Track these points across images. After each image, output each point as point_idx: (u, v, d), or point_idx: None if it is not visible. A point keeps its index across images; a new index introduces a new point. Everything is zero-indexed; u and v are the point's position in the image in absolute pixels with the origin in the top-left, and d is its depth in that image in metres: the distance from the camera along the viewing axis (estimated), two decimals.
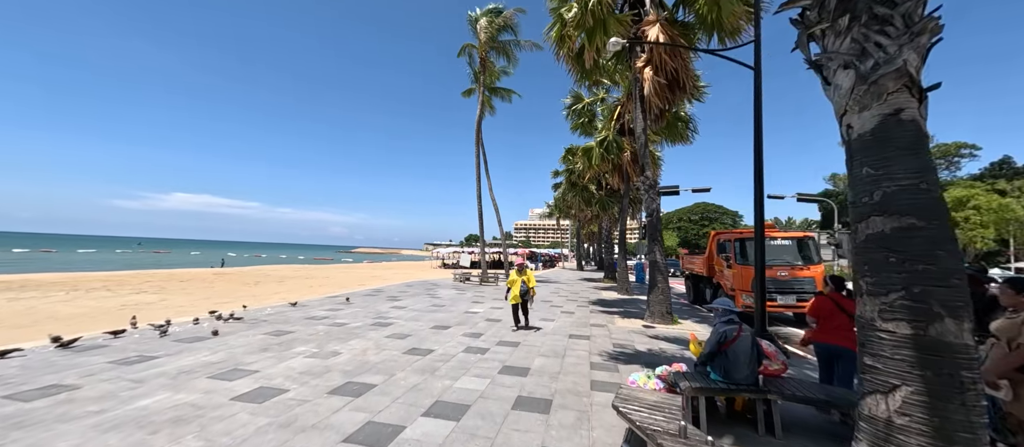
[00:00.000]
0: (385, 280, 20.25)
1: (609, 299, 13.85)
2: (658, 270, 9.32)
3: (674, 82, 9.41)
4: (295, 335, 6.53)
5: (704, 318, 10.46)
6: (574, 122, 17.91)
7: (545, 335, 7.40)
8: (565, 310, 10.74)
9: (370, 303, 10.60)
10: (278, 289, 15.52)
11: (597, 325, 8.67)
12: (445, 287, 16.04)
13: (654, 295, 9.23)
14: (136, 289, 14.77)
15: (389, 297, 12.01)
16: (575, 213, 35.99)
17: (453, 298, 12.44)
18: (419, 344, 6.32)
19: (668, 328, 8.60)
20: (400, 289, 14.63)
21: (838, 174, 45.95)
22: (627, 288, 15.62)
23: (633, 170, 15.89)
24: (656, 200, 9.53)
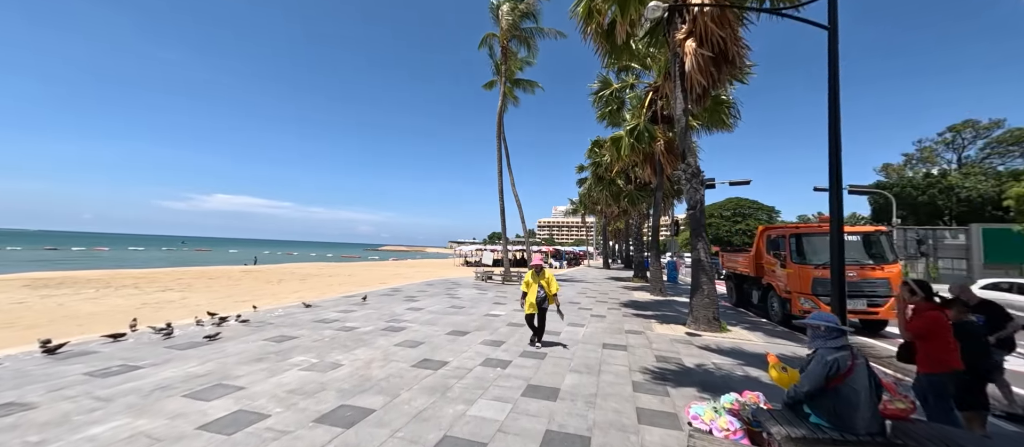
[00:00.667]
0: (406, 279, 19.83)
1: (642, 301, 12.73)
2: (702, 270, 8.20)
3: (721, 55, 8.22)
4: (297, 341, 5.93)
5: (755, 324, 9.22)
6: (601, 110, 16.76)
7: (575, 345, 6.49)
8: (595, 313, 9.77)
9: (386, 304, 10.01)
10: (299, 288, 15.31)
11: (633, 331, 7.67)
12: (466, 287, 15.36)
13: (698, 298, 8.12)
14: (164, 287, 14.91)
15: (406, 297, 11.41)
16: (601, 209, 34.66)
17: (473, 299, 11.70)
18: (432, 354, 5.57)
19: (717, 336, 7.49)
20: (419, 288, 14.06)
21: (891, 164, 42.19)
22: (661, 289, 14.42)
23: (667, 160, 14.63)
24: (700, 190, 8.40)
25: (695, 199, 8.38)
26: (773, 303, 10.42)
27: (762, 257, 11.37)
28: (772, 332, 8.26)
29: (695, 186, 8.41)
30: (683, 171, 8.56)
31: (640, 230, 22.35)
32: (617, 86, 16.20)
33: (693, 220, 8.43)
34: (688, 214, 8.53)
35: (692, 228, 8.46)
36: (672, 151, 14.70)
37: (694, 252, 8.37)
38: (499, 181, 18.73)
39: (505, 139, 21.21)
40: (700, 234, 8.32)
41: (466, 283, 16.78)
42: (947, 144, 39.39)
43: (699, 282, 8.17)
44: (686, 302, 12.98)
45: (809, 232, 9.68)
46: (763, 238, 11.37)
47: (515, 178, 20.50)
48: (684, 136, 8.69)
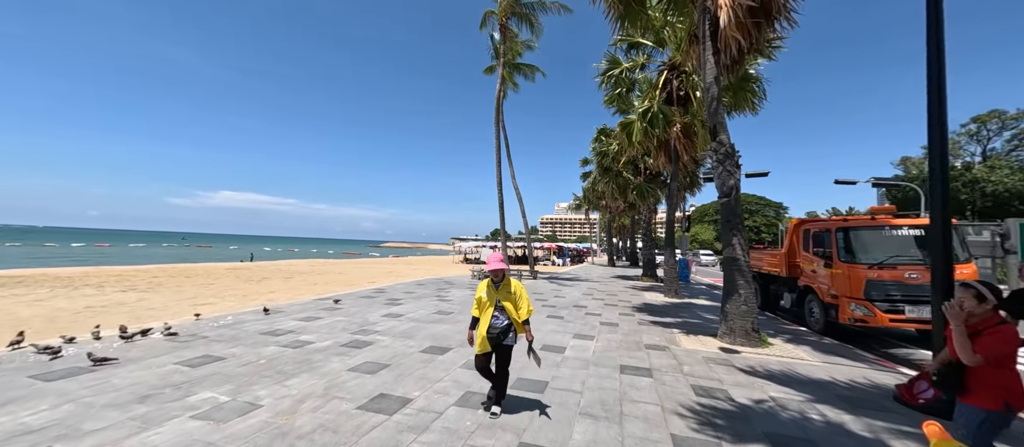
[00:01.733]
0: (398, 277, 18.47)
1: (657, 304, 11.28)
2: (738, 270, 6.73)
3: (762, 7, 6.71)
4: (219, 366, 4.53)
5: (795, 334, 7.75)
6: (609, 93, 15.22)
7: (584, 369, 5.06)
8: (606, 320, 8.33)
9: (361, 308, 8.62)
10: (278, 288, 13.97)
11: (655, 347, 6.23)
12: (459, 286, 13.96)
13: (733, 304, 6.66)
14: (130, 286, 13.61)
15: (388, 300, 10.01)
16: (607, 203, 33.11)
17: (464, 302, 10.29)
18: (393, 386, 4.16)
19: (760, 354, 6.03)
20: (408, 288, 12.67)
21: (910, 157, 40.26)
22: (676, 290, 12.95)
23: (684, 146, 13.12)
24: (734, 174, 6.92)
25: (729, 185, 6.90)
26: (812, 308, 8.94)
27: (797, 255, 9.88)
28: (822, 346, 6.80)
29: (729, 169, 6.92)
30: (713, 150, 7.07)
31: (650, 225, 20.86)
32: (627, 65, 14.64)
33: (726, 210, 6.95)
34: (720, 203, 7.05)
35: (725, 220, 6.98)
36: (689, 136, 13.20)
37: (728, 249, 6.90)
38: (497, 172, 17.29)
39: (504, 128, 19.76)
40: (736, 227, 6.84)
41: (460, 282, 15.38)
42: (971, 136, 37.45)
43: (735, 285, 6.71)
44: (706, 305, 11.61)
45: (860, 226, 8.17)
46: (798, 233, 9.87)
47: (518, 174, 19.10)
48: (715, 109, 7.19)
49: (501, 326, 3.47)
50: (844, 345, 6.97)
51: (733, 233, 6.84)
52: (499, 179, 17.35)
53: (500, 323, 3.48)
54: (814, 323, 8.82)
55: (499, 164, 17.28)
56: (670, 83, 13.48)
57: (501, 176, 17.39)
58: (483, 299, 3.55)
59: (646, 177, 19.69)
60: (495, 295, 3.49)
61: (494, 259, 3.57)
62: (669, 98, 13.44)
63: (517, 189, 19.91)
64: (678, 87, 13.39)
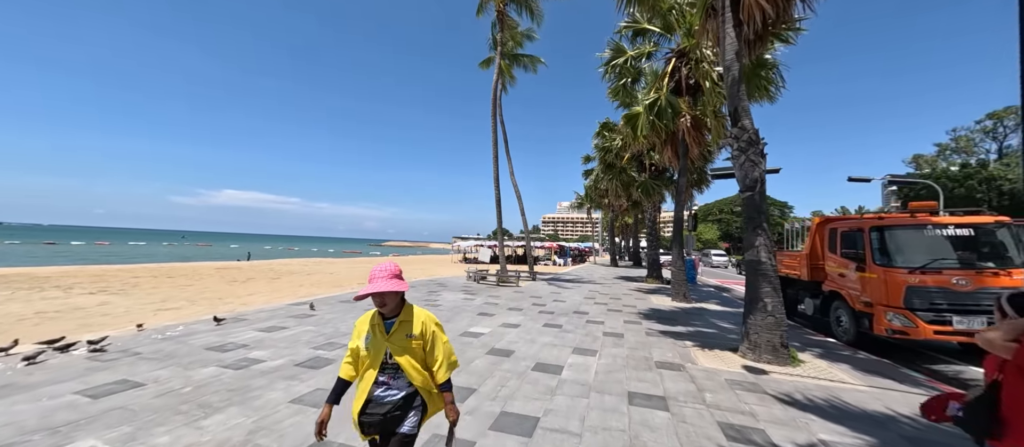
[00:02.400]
0: None
1: (665, 310, 10.36)
2: (764, 276, 5.81)
3: None
4: (128, 398, 3.66)
5: (825, 347, 6.81)
6: (614, 84, 14.27)
7: (584, 395, 4.17)
8: (610, 330, 7.42)
9: (338, 315, 7.75)
10: (259, 289, 13.12)
11: (668, 365, 5.32)
12: (453, 289, 13.08)
13: (759, 316, 5.74)
14: (104, 287, 12.80)
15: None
16: (610, 202, 32.19)
17: (456, 307, 9.41)
18: (341, 425, 3.27)
19: (792, 374, 5.11)
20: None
21: (923, 155, 39.09)
22: (684, 293, 12.01)
23: (693, 139, 12.18)
24: (759, 164, 5.98)
25: (752, 176, 5.97)
26: (840, 317, 8.02)
27: (822, 257, 8.95)
28: (861, 364, 5.88)
29: (752, 158, 5.99)
30: (734, 138, 6.14)
31: (655, 224, 19.92)
32: (632, 53, 13.69)
33: (750, 206, 6.03)
34: (742, 198, 6.13)
35: (748, 217, 6.06)
36: (699, 128, 12.25)
37: (751, 250, 5.98)
38: (494, 167, 16.38)
39: (503, 122, 18.87)
40: (760, 225, 5.92)
41: (455, 284, 14.50)
42: (987, 132, 36.26)
43: (759, 293, 5.79)
44: (719, 312, 10.64)
45: (899, 225, 7.23)
46: (823, 233, 8.93)
47: (518, 171, 18.25)
48: (736, 91, 6.26)
49: (393, 399, 1.90)
50: (885, 362, 6.04)
51: (757, 232, 5.91)
52: (496, 175, 16.45)
53: (392, 395, 1.91)
54: (842, 333, 7.90)
55: (496, 159, 16.39)
56: (678, 72, 12.54)
57: (498, 172, 16.50)
58: (361, 350, 1.96)
59: (651, 173, 18.75)
60: (384, 342, 1.92)
61: (381, 275, 1.91)
62: (677, 88, 12.50)
63: (516, 186, 19.02)
64: (687, 76, 12.44)
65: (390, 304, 1.93)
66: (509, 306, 9.81)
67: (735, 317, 9.69)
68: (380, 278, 1.90)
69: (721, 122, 11.57)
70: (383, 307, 1.94)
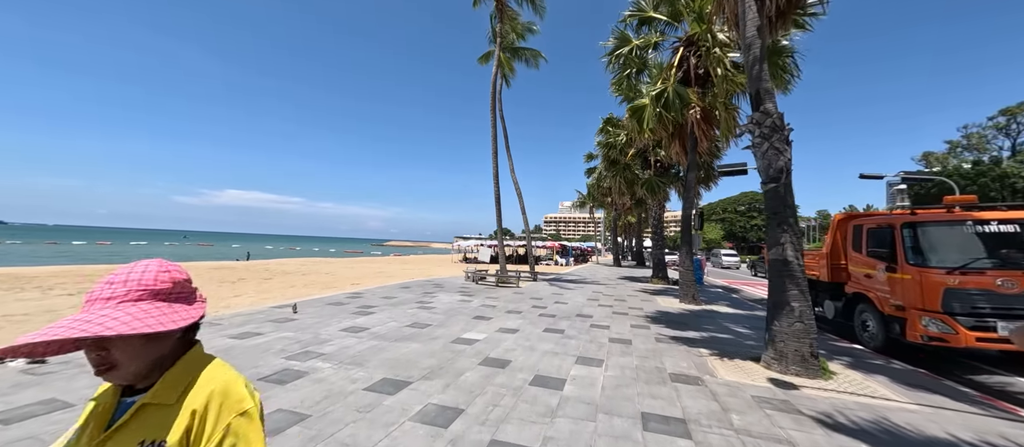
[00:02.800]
0: (388, 277, 17.06)
1: (674, 313, 9.73)
2: (790, 278, 5.19)
3: None
4: (37, 426, 3.09)
5: (854, 356, 6.18)
6: (617, 75, 13.64)
7: (590, 417, 3.56)
8: (615, 336, 6.80)
9: (323, 318, 7.17)
10: (248, 290, 12.58)
11: (684, 378, 4.71)
12: (450, 290, 12.49)
13: (785, 322, 5.12)
14: (83, 288, 12.29)
15: (360, 308, 8.56)
16: (612, 200, 31.55)
17: (451, 310, 8.83)
18: None
19: (825, 389, 4.49)
20: (389, 292, 11.22)
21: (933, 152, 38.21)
22: (693, 295, 11.38)
23: (703, 131, 11.56)
24: (784, 152, 5.36)
25: (778, 166, 5.34)
26: (866, 321, 7.38)
27: (844, 256, 8.32)
28: (899, 375, 5.25)
29: (777, 146, 5.37)
30: (756, 124, 5.52)
31: (660, 222, 19.27)
32: (638, 42, 13.07)
33: (774, 200, 5.40)
34: (766, 190, 5.50)
35: (772, 212, 5.43)
36: (709, 120, 11.62)
37: (776, 249, 5.35)
38: (494, 162, 15.78)
39: (503, 117, 18.28)
40: (787, 221, 5.30)
41: (452, 285, 13.91)
42: (999, 129, 35.39)
43: (785, 297, 5.16)
44: (731, 314, 9.93)
45: (935, 221, 6.59)
46: (845, 230, 8.29)
47: (519, 170, 17.60)
48: (758, 72, 5.63)
49: None
50: (923, 373, 5.41)
51: (783, 229, 5.29)
52: (495, 171, 15.85)
53: None
54: (869, 339, 7.26)
55: (495, 155, 15.79)
56: (687, 61, 11.91)
57: (498, 168, 15.89)
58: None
59: (656, 170, 18.11)
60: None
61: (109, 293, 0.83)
62: (685, 78, 11.87)
63: (516, 183, 18.42)
64: (696, 65, 11.81)
65: (126, 364, 0.82)
66: (508, 309, 9.21)
67: (750, 321, 9.06)
68: (101, 300, 0.83)
69: (732, 113, 10.94)
70: (109, 371, 0.81)
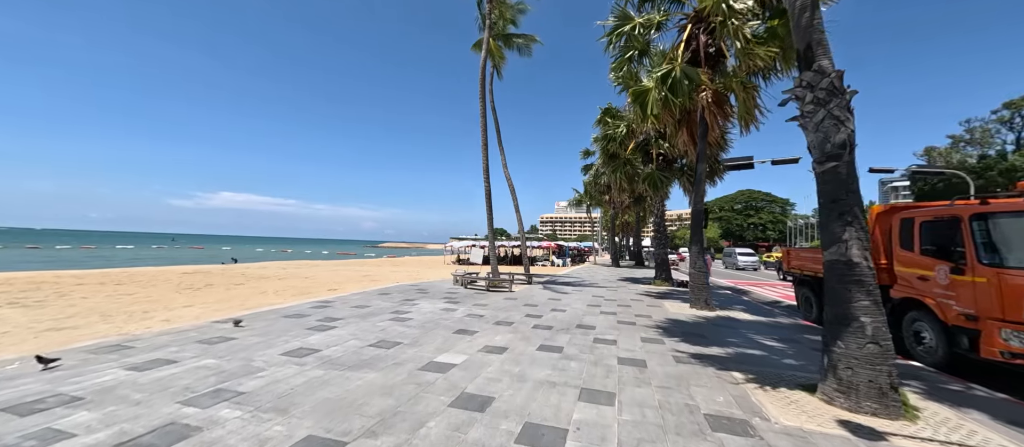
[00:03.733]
0: (373, 281, 15.74)
1: (687, 321, 8.51)
2: (859, 285, 3.98)
3: None
4: None
5: (928, 379, 4.98)
6: (618, 58, 12.41)
7: None
8: (627, 355, 5.56)
9: (269, 337, 5.87)
10: (208, 300, 11.19)
11: (727, 424, 3.46)
12: (434, 296, 11.20)
13: (852, 343, 3.90)
14: (16, 298, 10.85)
15: (322, 320, 7.26)
16: (611, 198, 30.39)
17: (430, 321, 7.55)
18: None
19: (921, 437, 3.27)
20: (363, 300, 9.92)
21: (936, 147, 37.45)
22: (705, 299, 10.18)
23: (714, 117, 10.38)
24: (846, 123, 4.14)
25: (837, 140, 4.12)
26: (920, 332, 6.21)
27: (886, 256, 7.15)
28: (995, 408, 4.06)
29: (836, 114, 4.15)
30: (808, 86, 4.30)
31: (662, 219, 18.11)
32: (640, 20, 11.85)
33: (832, 183, 4.18)
34: (820, 172, 4.27)
35: (829, 199, 4.21)
36: (721, 104, 10.45)
37: (835, 246, 4.14)
38: (483, 155, 14.50)
39: (495, 109, 17.03)
40: (850, 211, 4.08)
41: (438, 289, 12.62)
42: (1004, 122, 34.67)
43: (851, 309, 3.95)
44: (752, 322, 8.42)
45: (1016, 210, 5.43)
46: (891, 224, 7.10)
47: (515, 170, 16.35)
48: (808, 21, 4.39)
49: None
50: (1021, 404, 4.22)
51: (846, 221, 4.07)
52: (485, 165, 14.58)
53: None
54: (925, 354, 6.09)
55: (485, 147, 14.51)
56: (696, 39, 10.74)
57: (488, 162, 14.62)
58: None
59: (659, 164, 16.93)
60: None
61: None
62: (694, 59, 10.69)
63: (509, 178, 17.17)
64: (706, 43, 10.64)
65: None
66: (497, 319, 7.95)
67: (776, 331, 7.86)
68: None
69: (751, 94, 9.75)
70: None
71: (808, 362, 5.57)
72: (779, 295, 15.07)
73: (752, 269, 30.15)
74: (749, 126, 10.22)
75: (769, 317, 9.60)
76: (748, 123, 10.07)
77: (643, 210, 34.58)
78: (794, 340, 6.96)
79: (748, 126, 10.22)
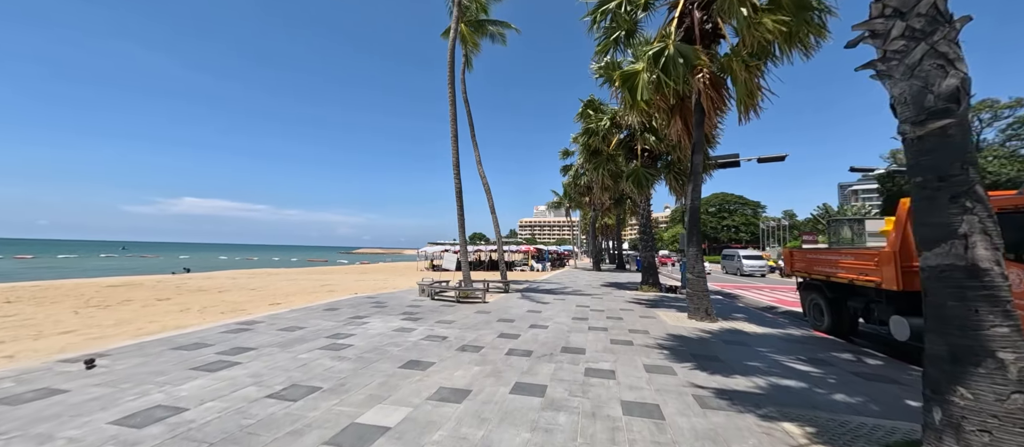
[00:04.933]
0: (331, 291, 13.76)
1: (692, 338, 7.15)
2: (991, 302, 2.63)
3: None
4: None
5: None
6: (603, 39, 11.12)
7: None
8: (630, 396, 4.05)
9: (123, 388, 4.06)
10: (99, 322, 9.00)
11: None
12: (392, 311, 9.46)
13: (984, 384, 2.54)
14: None
15: (225, 352, 5.44)
16: (591, 199, 29.31)
17: (374, 348, 5.86)
18: None
19: None
20: (302, 318, 8.08)
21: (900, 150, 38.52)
22: (706, 309, 8.92)
23: (712, 102, 9.19)
24: (957, 62, 2.85)
25: (944, 90, 2.79)
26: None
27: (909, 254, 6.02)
28: None
29: (944, 51, 2.83)
30: (896, 12, 2.98)
31: (648, 220, 16.97)
32: None
33: (938, 153, 2.83)
34: (920, 136, 2.93)
35: (932, 178, 2.85)
36: (718, 87, 9.28)
37: (949, 245, 2.79)
38: (453, 148, 12.87)
39: (467, 100, 15.50)
40: (973, 195, 2.76)
41: (400, 302, 10.86)
42: None
43: (977, 340, 2.61)
44: (764, 336, 6.94)
45: None
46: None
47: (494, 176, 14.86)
48: None
49: None
50: None
51: (964, 208, 2.74)
52: (455, 159, 12.95)
53: None
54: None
55: (455, 140, 12.89)
56: (689, 15, 9.57)
57: (459, 157, 13.00)
58: None
59: (645, 161, 15.79)
60: None
61: None
62: (688, 37, 9.51)
63: (483, 176, 15.65)
64: (702, 18, 9.48)
65: None
66: (463, 342, 6.34)
67: (793, 347, 6.60)
68: None
69: (754, 73, 8.60)
70: None
71: (866, 398, 4.26)
72: (772, 299, 14.13)
73: (760, 275, 26.40)
74: (749, 112, 9.07)
75: (777, 327, 8.42)
76: (749, 108, 8.92)
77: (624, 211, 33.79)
78: (827, 362, 5.70)
79: (748, 112, 9.06)
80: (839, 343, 7.13)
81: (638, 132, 15.58)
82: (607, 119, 15.79)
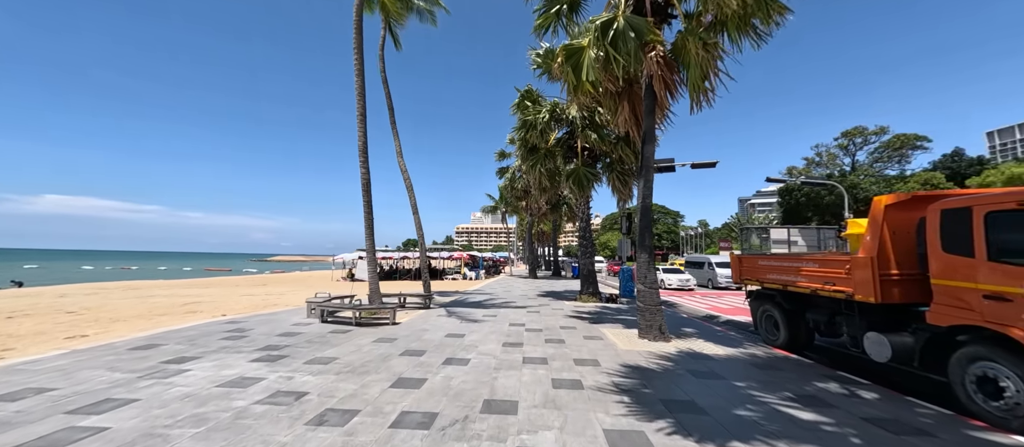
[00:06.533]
0: (192, 313, 10.23)
1: (650, 366, 5.58)
2: None
3: None
4: None
5: None
6: (544, 13, 9.54)
7: None
8: None
9: None
10: None
11: None
12: (248, 345, 6.68)
13: None
14: None
15: None
16: (528, 204, 28.00)
17: (146, 433, 3.29)
18: None
19: None
20: (90, 362, 5.05)
21: (795, 167, 43.54)
22: (660, 326, 7.55)
23: (665, 86, 7.95)
24: None
25: None
26: (998, 380, 4.08)
27: (916, 264, 5.13)
28: None
29: None
30: None
31: (588, 224, 15.83)
32: None
33: None
34: None
35: None
36: (674, 68, 8.10)
37: None
38: (360, 128, 10.31)
39: (386, 81, 13.07)
40: None
41: (273, 329, 8.00)
42: (842, 148, 41.69)
43: None
44: (727, 358, 5.70)
45: None
46: (935, 220, 5.01)
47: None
48: None
49: None
50: None
51: None
52: (362, 143, 10.39)
53: None
54: (1003, 414, 3.98)
55: (362, 119, 10.34)
56: None
57: (366, 141, 10.47)
58: None
59: (584, 159, 14.60)
60: None
61: None
62: (639, 8, 8.26)
63: (405, 170, 13.25)
64: None
65: None
66: (326, 405, 4.01)
67: (774, 376, 5.31)
68: None
69: (712, 52, 7.50)
70: None
71: None
72: (709, 307, 13.64)
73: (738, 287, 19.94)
74: (701, 100, 7.98)
75: (735, 346, 7.30)
76: (702, 93, 7.83)
77: (560, 217, 33.13)
78: (824, 401, 4.42)
79: (700, 100, 7.97)
80: (808, 364, 6.10)
81: (579, 128, 14.36)
82: (546, 111, 14.34)
